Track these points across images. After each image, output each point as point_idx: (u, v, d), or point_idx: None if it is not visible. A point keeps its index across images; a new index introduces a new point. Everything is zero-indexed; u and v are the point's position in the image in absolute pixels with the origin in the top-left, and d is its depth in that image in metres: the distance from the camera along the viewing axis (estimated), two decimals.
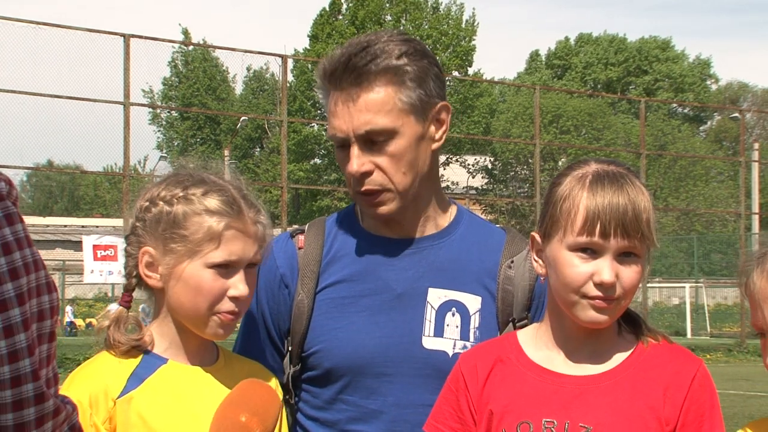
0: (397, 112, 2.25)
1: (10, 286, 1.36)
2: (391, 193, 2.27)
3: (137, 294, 2.23)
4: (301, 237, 2.40)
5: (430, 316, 2.31)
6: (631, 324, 2.12)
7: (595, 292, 1.99)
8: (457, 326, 2.31)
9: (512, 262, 2.35)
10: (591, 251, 2.00)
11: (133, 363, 2.13)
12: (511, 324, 2.30)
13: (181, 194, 2.14)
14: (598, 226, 1.97)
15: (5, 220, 1.39)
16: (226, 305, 2.13)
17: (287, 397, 2.35)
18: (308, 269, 2.35)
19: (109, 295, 40.87)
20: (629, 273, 2.00)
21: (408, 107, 2.26)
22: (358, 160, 2.25)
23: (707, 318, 37.97)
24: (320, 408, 2.34)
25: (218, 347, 2.26)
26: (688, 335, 34.90)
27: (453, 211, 2.43)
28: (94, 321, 41.71)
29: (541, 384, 2.05)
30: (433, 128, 2.32)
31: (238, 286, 2.13)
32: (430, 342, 2.30)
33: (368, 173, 2.26)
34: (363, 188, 2.27)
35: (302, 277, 2.35)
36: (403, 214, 2.34)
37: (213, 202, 2.13)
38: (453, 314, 2.31)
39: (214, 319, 2.13)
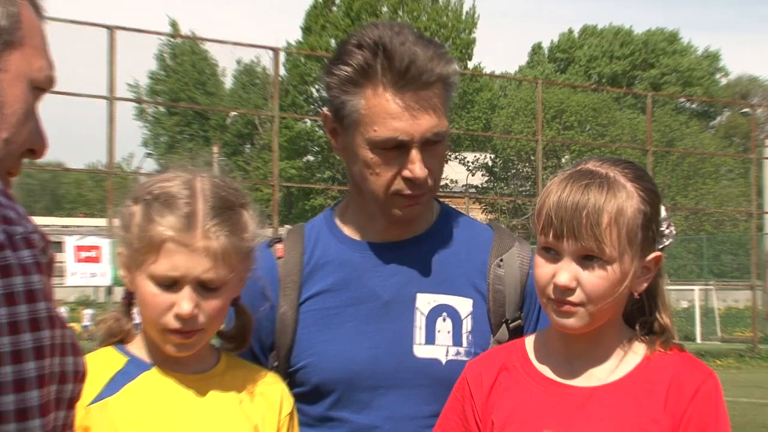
0: (446, 114, 2.30)
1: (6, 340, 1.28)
2: (430, 194, 2.30)
3: None
4: (280, 246, 2.40)
5: (420, 323, 2.31)
6: (645, 331, 2.10)
7: (554, 295, 2.03)
8: (448, 332, 2.31)
9: (501, 260, 2.36)
10: (554, 252, 2.03)
11: (114, 368, 2.14)
12: (504, 325, 2.32)
13: (144, 197, 2.12)
14: (552, 227, 2.01)
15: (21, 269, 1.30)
16: (171, 323, 2.09)
17: None
18: (289, 279, 2.35)
19: (92, 298, 40.48)
20: (591, 278, 2.01)
21: (448, 109, 2.31)
22: (422, 164, 2.23)
23: (717, 322, 37.84)
24: (310, 425, 2.31)
25: (221, 352, 2.23)
26: (698, 340, 34.76)
27: (437, 210, 2.44)
28: (76, 326, 40.97)
29: (544, 395, 2.07)
30: None
31: (180, 303, 2.08)
32: (422, 350, 2.30)
33: (426, 177, 2.28)
34: (415, 192, 2.25)
35: (283, 288, 2.35)
36: None
37: (162, 210, 2.09)
38: (444, 319, 2.32)
39: (166, 336, 2.11)
